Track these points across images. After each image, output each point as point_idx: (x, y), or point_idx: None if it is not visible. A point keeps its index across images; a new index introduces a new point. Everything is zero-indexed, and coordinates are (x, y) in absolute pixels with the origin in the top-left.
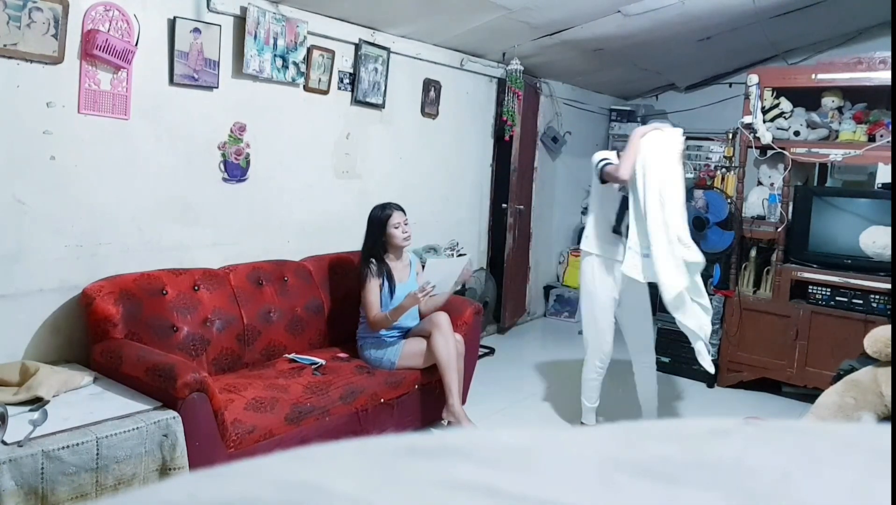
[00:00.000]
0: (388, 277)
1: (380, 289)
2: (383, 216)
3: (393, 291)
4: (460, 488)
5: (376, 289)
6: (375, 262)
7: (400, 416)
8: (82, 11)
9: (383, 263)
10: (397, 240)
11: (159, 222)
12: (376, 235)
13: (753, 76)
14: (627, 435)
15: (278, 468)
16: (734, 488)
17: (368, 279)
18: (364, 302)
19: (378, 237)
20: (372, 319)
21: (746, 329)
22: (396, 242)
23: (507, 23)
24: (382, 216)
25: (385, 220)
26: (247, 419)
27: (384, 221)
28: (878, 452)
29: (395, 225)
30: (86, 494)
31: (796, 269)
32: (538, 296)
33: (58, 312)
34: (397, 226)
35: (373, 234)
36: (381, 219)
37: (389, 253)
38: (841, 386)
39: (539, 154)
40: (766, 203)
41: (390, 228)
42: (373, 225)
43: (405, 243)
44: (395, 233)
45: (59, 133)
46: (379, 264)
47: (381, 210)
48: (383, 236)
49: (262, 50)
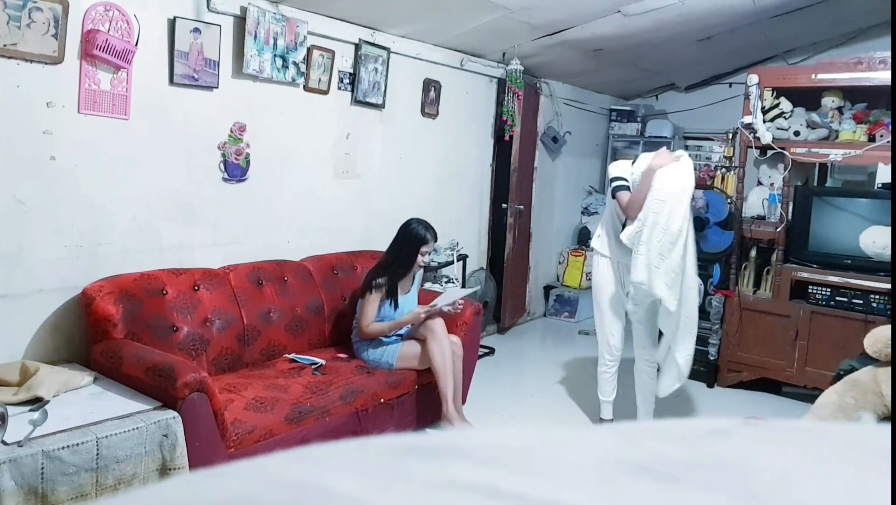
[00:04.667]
0: (393, 291)
1: (380, 303)
2: (423, 238)
3: (397, 304)
4: (460, 488)
5: (377, 301)
6: (390, 277)
7: (400, 416)
8: (82, 11)
9: (397, 277)
10: (416, 265)
11: (159, 222)
12: (406, 252)
13: (753, 76)
14: (627, 435)
15: (278, 468)
16: (734, 488)
17: (375, 291)
18: (363, 311)
19: (409, 255)
20: (366, 330)
21: (746, 329)
22: (415, 268)
23: (507, 23)
24: (422, 238)
25: (422, 242)
26: (247, 419)
27: (420, 243)
28: (878, 452)
29: (425, 252)
30: (86, 494)
31: (796, 269)
32: (538, 296)
33: (58, 312)
34: (425, 253)
35: (402, 248)
36: (421, 239)
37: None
38: (841, 386)
39: (539, 154)
40: (766, 203)
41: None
42: (407, 240)
43: (419, 269)
44: (420, 259)
45: (59, 133)
46: (391, 280)
47: (425, 230)
48: (414, 256)
49: (262, 50)
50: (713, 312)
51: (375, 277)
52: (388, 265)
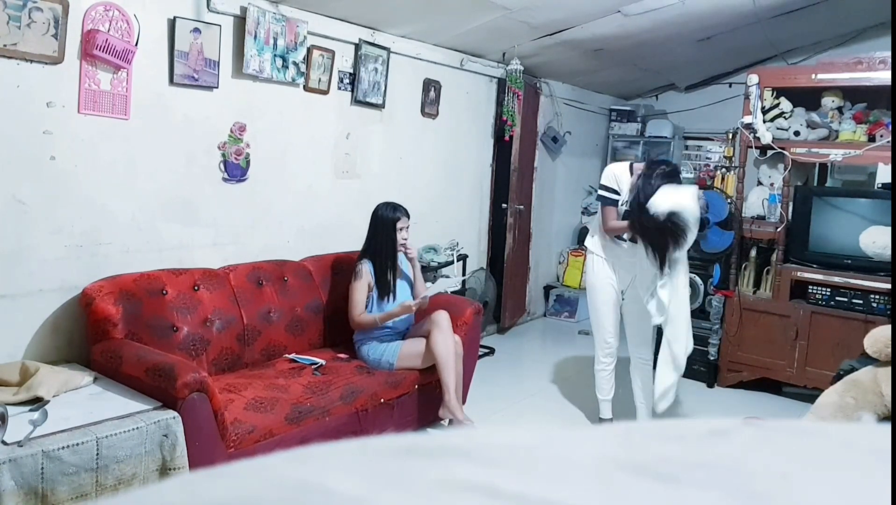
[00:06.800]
0: (383, 279)
1: (368, 290)
2: (393, 217)
3: (390, 292)
4: (460, 488)
5: (364, 289)
6: (373, 262)
7: (400, 416)
8: (82, 11)
9: (384, 264)
10: (398, 245)
11: (159, 222)
12: (384, 234)
13: (753, 76)
14: (627, 435)
15: (278, 468)
16: (734, 488)
17: (359, 278)
18: (350, 300)
19: (386, 237)
20: (356, 320)
21: (746, 329)
22: (397, 245)
23: (507, 23)
24: (393, 217)
25: (395, 221)
26: (247, 419)
27: (393, 223)
28: (878, 452)
29: (401, 228)
30: (86, 494)
31: (796, 269)
32: (538, 296)
33: (58, 311)
34: (402, 229)
35: (379, 232)
36: (392, 218)
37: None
38: (841, 386)
39: (539, 154)
40: (766, 203)
41: (395, 231)
42: (381, 224)
43: (401, 249)
44: (399, 237)
45: (59, 133)
46: (378, 265)
47: (393, 211)
48: (392, 237)
49: (262, 50)
50: (713, 311)
51: (358, 264)
52: (368, 251)
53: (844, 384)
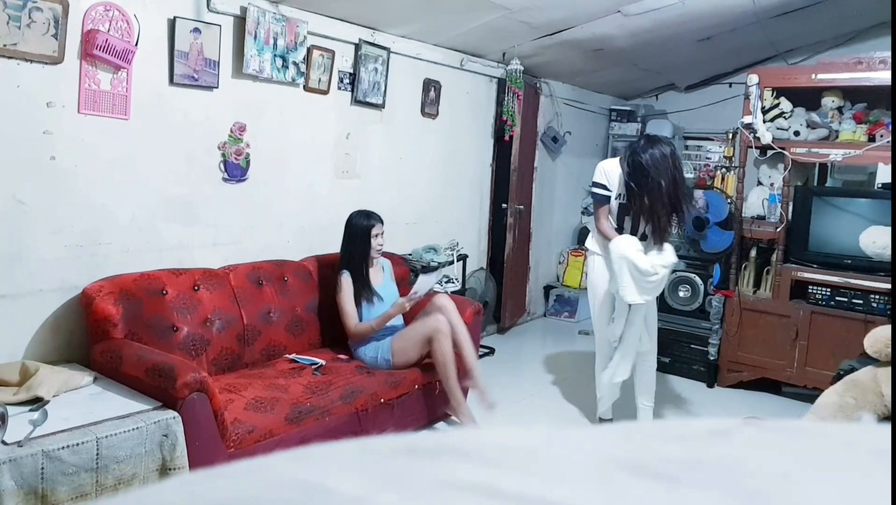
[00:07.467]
0: (366, 285)
1: (358, 299)
2: (368, 225)
3: (374, 295)
4: (460, 488)
5: (351, 299)
6: (354, 271)
7: (400, 416)
8: (82, 11)
9: (362, 271)
10: (373, 251)
11: (159, 222)
12: (359, 244)
13: (753, 76)
14: (627, 435)
15: (278, 468)
16: (734, 488)
17: (342, 289)
18: (342, 312)
19: (362, 246)
20: (354, 331)
21: (746, 329)
22: (372, 253)
23: (507, 23)
24: (367, 225)
25: (369, 229)
26: (247, 419)
27: (368, 230)
28: (878, 452)
29: (375, 235)
30: (86, 494)
31: (796, 269)
32: (538, 296)
33: (58, 312)
34: (376, 235)
35: (355, 241)
36: (367, 228)
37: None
38: (841, 386)
39: (539, 154)
40: (766, 203)
41: (370, 238)
42: (356, 233)
43: (378, 255)
44: (374, 243)
45: (59, 133)
46: (357, 273)
47: (366, 218)
48: (367, 245)
49: (262, 50)
50: (713, 311)
51: (340, 273)
52: (348, 259)
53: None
